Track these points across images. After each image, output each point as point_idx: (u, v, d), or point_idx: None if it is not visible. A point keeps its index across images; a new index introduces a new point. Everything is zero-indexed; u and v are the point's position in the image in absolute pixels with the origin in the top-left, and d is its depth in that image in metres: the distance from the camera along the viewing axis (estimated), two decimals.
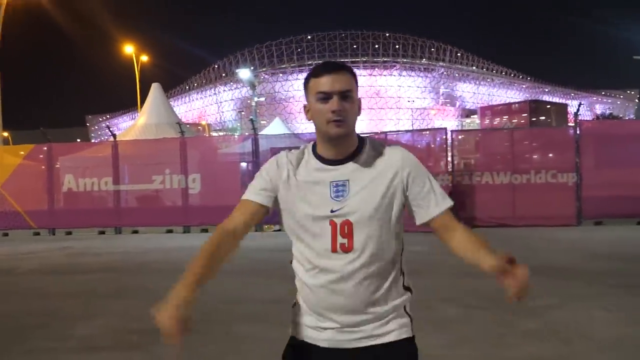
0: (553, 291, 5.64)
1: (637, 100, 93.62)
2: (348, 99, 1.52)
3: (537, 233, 10.33)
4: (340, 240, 1.51)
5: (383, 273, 1.54)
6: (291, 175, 1.57)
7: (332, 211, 1.52)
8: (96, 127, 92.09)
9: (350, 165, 1.55)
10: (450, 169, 12.00)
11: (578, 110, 12.08)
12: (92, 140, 71.19)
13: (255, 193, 1.62)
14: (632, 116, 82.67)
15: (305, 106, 1.59)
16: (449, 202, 1.59)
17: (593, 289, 5.69)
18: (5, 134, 23.99)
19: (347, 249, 1.52)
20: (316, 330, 1.57)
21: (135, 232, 12.99)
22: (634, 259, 7.48)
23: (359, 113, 1.57)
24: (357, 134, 1.59)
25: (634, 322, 4.54)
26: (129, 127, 26.46)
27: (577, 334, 4.28)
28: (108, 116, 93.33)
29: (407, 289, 1.62)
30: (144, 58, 38.89)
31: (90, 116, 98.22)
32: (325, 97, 1.50)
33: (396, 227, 1.57)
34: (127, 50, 37.08)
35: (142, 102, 29.96)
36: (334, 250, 1.52)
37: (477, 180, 11.89)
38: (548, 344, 4.09)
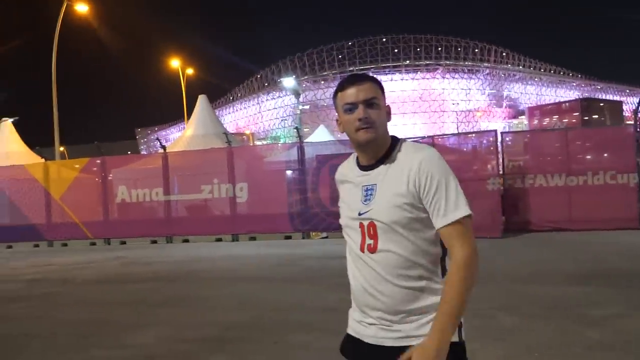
0: (617, 299, 5.34)
1: None
2: (374, 106, 1.61)
3: (596, 237, 9.84)
4: (367, 241, 1.61)
5: (415, 275, 1.57)
6: (342, 180, 1.75)
7: (359, 214, 1.63)
8: (145, 140, 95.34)
9: (379, 170, 1.64)
10: (501, 172, 11.62)
11: (638, 107, 11.44)
12: (142, 152, 73.85)
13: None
14: None
15: (337, 120, 1.70)
16: (460, 213, 1.53)
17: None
18: (62, 148, 25.07)
19: (372, 250, 1.60)
20: (362, 325, 1.65)
21: (186, 241, 13.25)
22: None
23: (388, 119, 1.66)
24: (394, 137, 1.67)
25: None
26: (177, 138, 27.19)
27: None
28: (156, 129, 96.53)
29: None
30: (190, 71, 40.07)
31: (139, 129, 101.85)
32: (351, 107, 1.61)
33: (429, 232, 1.57)
34: (173, 64, 38.29)
35: (189, 114, 30.76)
36: (362, 250, 1.62)
37: (530, 182, 11.47)
38: (616, 355, 3.83)
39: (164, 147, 14.41)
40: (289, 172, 13.39)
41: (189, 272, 8.53)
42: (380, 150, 1.64)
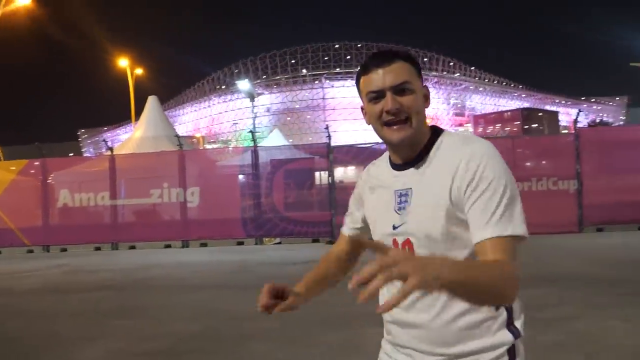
0: (567, 300, 5.55)
1: (626, 107, 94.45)
2: (406, 92, 1.25)
3: (540, 241, 10.19)
4: None
5: (463, 308, 1.21)
6: (375, 185, 1.39)
7: (394, 227, 1.28)
8: (89, 142, 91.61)
9: (413, 170, 1.29)
10: None
11: (577, 117, 12.07)
12: (85, 155, 70.91)
13: (345, 225, 1.57)
14: (621, 123, 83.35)
15: (362, 108, 1.35)
16: (517, 230, 1.15)
17: (606, 298, 5.56)
18: None
19: None
20: None
21: (133, 247, 12.78)
22: (638, 266, 7.38)
23: (426, 104, 1.30)
24: (434, 128, 1.32)
25: None
26: (124, 140, 26.28)
27: (601, 346, 4.14)
28: (103, 130, 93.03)
29: (511, 328, 1.24)
30: (139, 71, 38.84)
31: (82, 130, 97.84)
32: (377, 95, 1.26)
33: (454, 240, 1.24)
34: (121, 63, 37.01)
35: (137, 116, 29.81)
36: None
37: None
38: (569, 355, 3.96)
39: (110, 149, 13.86)
40: (242, 177, 13.20)
41: (137, 281, 8.20)
42: (417, 146, 1.28)
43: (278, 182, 12.50)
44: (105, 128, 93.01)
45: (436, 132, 1.32)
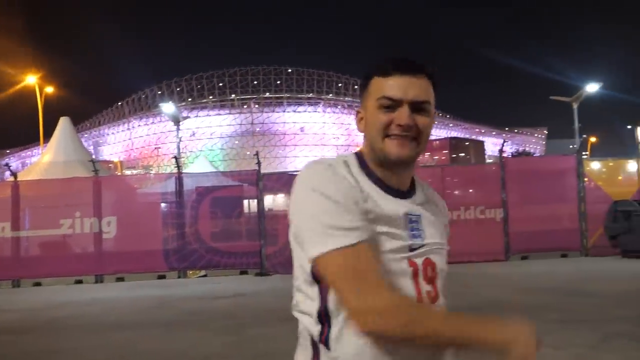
0: None
1: (544, 138, 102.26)
2: (423, 112, 1.18)
3: (469, 269, 10.62)
4: (425, 286, 1.16)
5: None
6: (363, 194, 1.17)
7: (411, 249, 1.17)
8: None
9: (418, 198, 1.25)
10: None
11: (502, 147, 12.86)
12: None
13: (362, 230, 1.11)
14: (542, 153, 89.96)
15: (358, 112, 1.25)
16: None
17: (534, 325, 5.85)
18: None
19: (434, 299, 1.17)
20: None
21: (38, 284, 11.89)
22: (563, 293, 7.88)
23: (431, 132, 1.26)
24: None
25: (581, 358, 4.69)
26: (30, 165, 24.69)
27: None
28: (8, 152, 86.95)
29: None
30: (49, 89, 36.92)
31: None
32: (392, 105, 1.17)
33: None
34: (29, 80, 35.04)
35: (46, 138, 28.19)
36: (419, 300, 1.15)
37: None
38: None
39: (14, 175, 12.94)
40: (164, 205, 12.78)
41: (43, 322, 7.59)
42: (411, 172, 1.26)
43: (204, 211, 12.22)
44: (8, 151, 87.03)
45: None
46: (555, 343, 5.10)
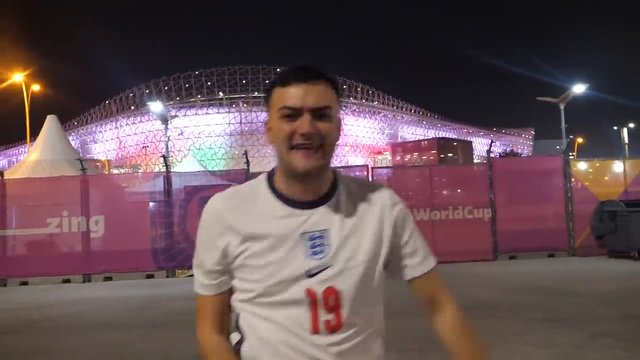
0: (482, 329, 5.75)
1: (532, 139, 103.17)
2: (324, 118, 1.17)
3: (458, 269, 10.69)
4: (324, 316, 1.15)
5: (370, 351, 1.23)
6: (246, 232, 1.19)
7: (309, 274, 1.15)
8: None
9: (326, 209, 1.20)
10: None
11: (490, 147, 12.95)
12: None
13: (202, 285, 1.27)
14: (529, 153, 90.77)
15: (266, 123, 1.24)
16: (432, 261, 1.31)
17: (520, 325, 5.92)
18: None
19: (334, 328, 1.16)
20: None
21: (24, 283, 11.76)
22: (550, 292, 7.96)
23: (338, 137, 1.22)
24: (334, 170, 1.27)
25: (566, 357, 4.75)
26: (17, 163, 24.39)
27: None
28: None
29: None
30: (36, 87, 36.51)
31: None
32: (292, 113, 1.16)
33: (381, 285, 1.25)
34: (15, 78, 34.62)
35: (34, 136, 27.88)
36: (314, 330, 1.15)
37: None
38: None
39: (0, 173, 12.78)
40: (152, 204, 12.69)
41: (31, 321, 7.50)
42: (325, 181, 1.22)
43: (192, 210, 12.14)
44: None
45: (336, 174, 1.28)
46: (541, 342, 5.16)
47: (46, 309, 8.48)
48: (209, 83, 75.75)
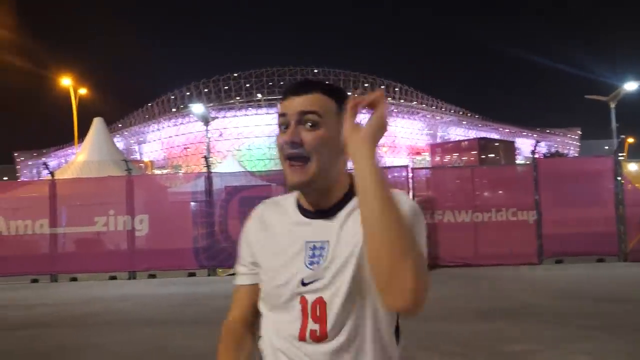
0: (529, 334, 5.63)
1: (578, 139, 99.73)
2: (313, 125, 1.13)
3: (501, 273, 10.48)
4: (310, 325, 1.15)
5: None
6: (265, 225, 1.26)
7: (303, 283, 1.16)
8: (28, 165, 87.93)
9: (327, 222, 1.18)
10: None
11: (535, 147, 12.59)
12: (21, 179, 67.89)
13: (240, 275, 1.33)
14: (575, 154, 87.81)
15: None
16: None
17: (569, 331, 5.71)
18: None
19: (319, 338, 1.15)
20: None
21: (74, 279, 12.20)
22: (599, 298, 7.63)
23: (335, 146, 1.15)
24: (352, 179, 1.16)
25: None
26: (66, 164, 25.37)
27: None
28: (42, 152, 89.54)
29: None
30: (83, 91, 37.85)
31: (18, 153, 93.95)
32: (283, 122, 1.17)
33: (375, 300, 1.18)
34: (63, 82, 35.98)
35: (79, 138, 28.91)
36: (301, 338, 1.16)
37: (439, 218, 12.03)
38: None
39: (52, 173, 13.32)
40: (194, 204, 12.94)
41: (78, 316, 7.76)
42: (330, 195, 1.19)
43: (233, 210, 12.32)
44: (44, 151, 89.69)
45: (352, 184, 1.16)
46: (592, 350, 4.96)
47: (92, 305, 8.77)
48: (247, 85, 76.75)
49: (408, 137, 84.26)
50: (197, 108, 26.80)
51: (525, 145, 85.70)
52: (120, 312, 8.02)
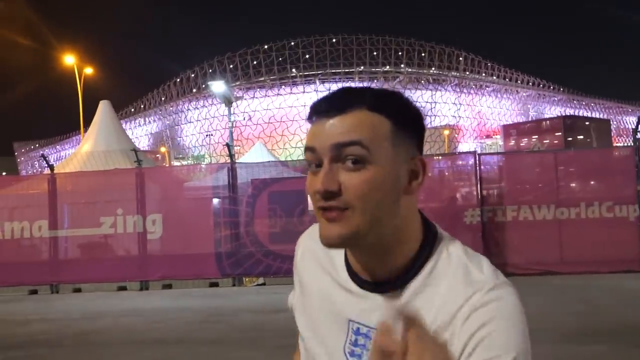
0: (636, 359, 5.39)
1: None
2: (355, 161, 0.94)
3: (593, 282, 10.13)
4: None
5: None
6: (311, 278, 1.16)
7: None
8: (25, 158, 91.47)
9: (386, 300, 1.00)
10: (479, 203, 11.80)
11: (637, 126, 12.02)
12: (22, 173, 70.69)
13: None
14: None
15: None
16: None
17: None
18: None
19: None
20: None
21: (78, 290, 12.55)
22: None
23: (412, 188, 0.99)
24: (428, 229, 1.03)
25: None
26: (69, 156, 26.14)
27: None
28: (43, 143, 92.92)
29: None
30: (89, 70, 38.89)
31: (18, 143, 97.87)
32: (314, 160, 0.98)
33: None
34: (67, 61, 37.03)
35: (86, 126, 29.71)
36: None
37: (513, 215, 11.70)
38: None
39: (51, 167, 13.68)
40: (216, 201, 13.03)
41: (81, 334, 7.94)
42: (384, 258, 1.00)
43: (261, 208, 12.33)
44: (46, 142, 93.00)
45: (430, 234, 1.02)
46: None
47: (98, 320, 8.95)
48: (280, 59, 77.09)
49: (475, 117, 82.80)
50: (218, 86, 27.00)
51: (625, 125, 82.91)
52: (129, 329, 8.15)
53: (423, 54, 77.62)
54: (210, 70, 77.44)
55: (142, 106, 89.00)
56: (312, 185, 0.97)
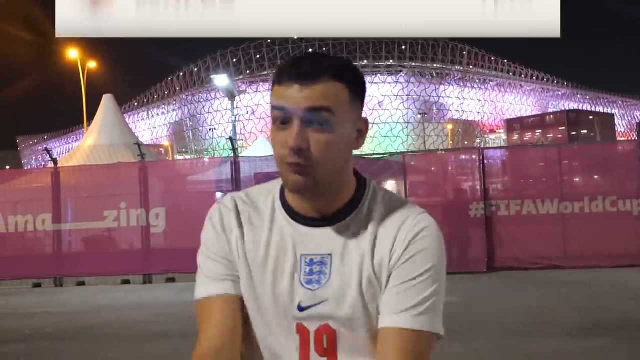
0: (637, 356, 5.36)
1: None
2: (323, 125, 1.10)
3: (597, 277, 10.10)
4: (314, 358, 1.14)
5: None
6: (241, 236, 1.21)
7: (300, 308, 1.14)
8: (29, 151, 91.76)
9: (335, 230, 1.17)
10: (483, 197, 11.80)
11: None
12: (25, 167, 70.96)
13: (212, 281, 1.24)
14: None
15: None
16: (433, 326, 1.13)
17: None
18: None
19: None
20: None
21: (81, 283, 12.57)
22: None
23: (357, 145, 1.18)
24: (360, 178, 1.23)
25: None
26: (72, 149, 26.21)
27: None
28: (46, 137, 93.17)
29: None
30: (92, 64, 38.93)
31: (21, 137, 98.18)
32: (283, 118, 1.11)
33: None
34: (70, 55, 37.06)
35: (90, 120, 29.78)
36: None
37: (517, 209, 11.69)
38: None
39: (54, 161, 13.69)
40: (219, 195, 13.05)
41: (84, 327, 7.97)
42: (337, 197, 1.18)
43: None
44: (49, 136, 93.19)
45: (362, 181, 1.22)
46: None
47: (101, 314, 9.00)
48: (283, 53, 76.94)
49: (477, 111, 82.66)
50: (221, 80, 27.03)
51: (630, 119, 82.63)
52: (132, 323, 8.17)
53: (426, 48, 77.39)
54: (214, 64, 77.46)
55: (145, 100, 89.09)
56: (279, 140, 1.12)
